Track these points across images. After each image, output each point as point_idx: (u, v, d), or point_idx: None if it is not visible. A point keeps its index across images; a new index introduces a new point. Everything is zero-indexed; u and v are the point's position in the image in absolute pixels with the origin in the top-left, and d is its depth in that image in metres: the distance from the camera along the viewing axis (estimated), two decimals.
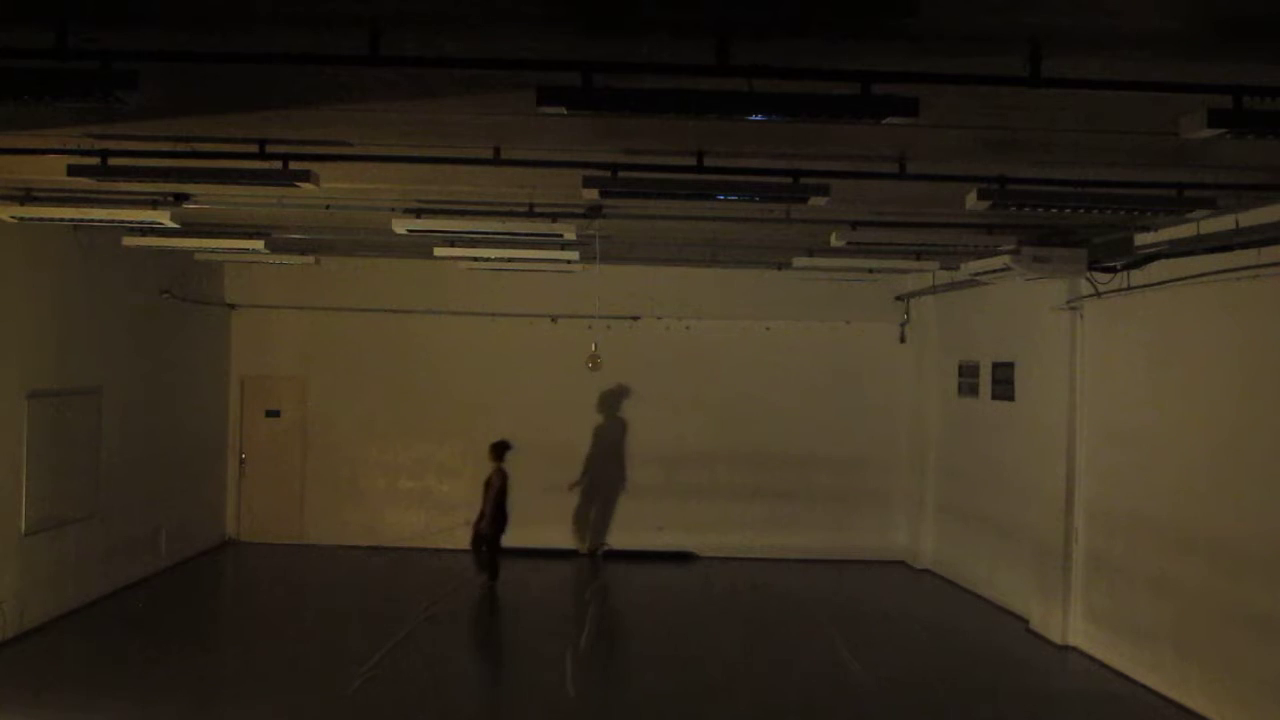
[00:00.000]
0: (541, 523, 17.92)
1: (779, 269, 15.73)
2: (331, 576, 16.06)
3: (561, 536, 17.93)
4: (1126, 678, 11.65)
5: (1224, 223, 10.00)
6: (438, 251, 12.63)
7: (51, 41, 5.41)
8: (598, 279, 14.26)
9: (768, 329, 18.08)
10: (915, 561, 17.70)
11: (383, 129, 7.85)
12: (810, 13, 5.15)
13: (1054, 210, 8.62)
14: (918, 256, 13.20)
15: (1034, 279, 12.04)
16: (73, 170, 8.32)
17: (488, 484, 15.39)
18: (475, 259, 13.11)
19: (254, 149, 8.09)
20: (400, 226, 10.92)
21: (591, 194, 8.34)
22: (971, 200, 8.38)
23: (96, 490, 13.82)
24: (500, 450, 15.52)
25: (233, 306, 18.19)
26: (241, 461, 18.30)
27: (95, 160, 8.26)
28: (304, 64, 5.74)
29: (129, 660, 11.67)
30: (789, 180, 8.28)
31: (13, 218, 10.47)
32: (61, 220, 10.67)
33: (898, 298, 18.10)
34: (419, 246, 13.12)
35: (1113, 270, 11.81)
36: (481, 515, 15.31)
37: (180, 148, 8.31)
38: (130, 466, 14.61)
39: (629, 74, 5.58)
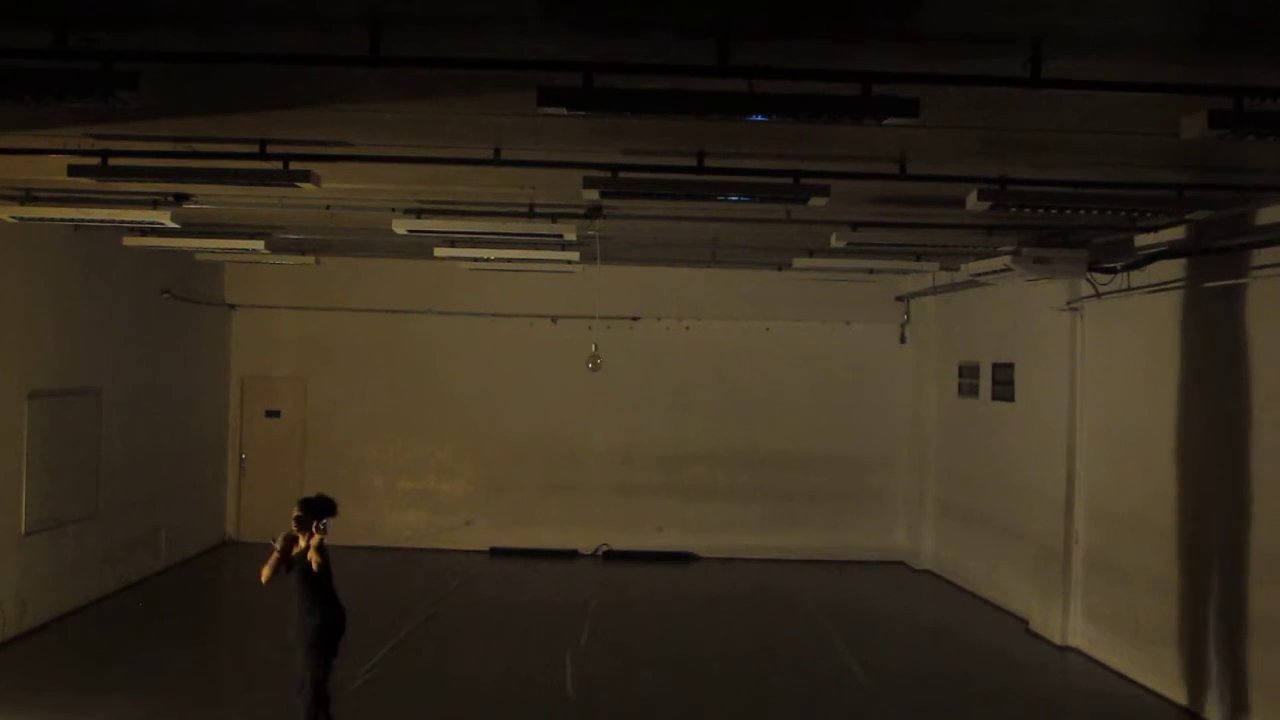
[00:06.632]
0: (542, 523, 17.96)
1: (779, 269, 15.73)
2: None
3: (561, 537, 17.93)
4: (1126, 678, 11.65)
5: (1223, 223, 10.01)
6: (438, 252, 12.62)
7: (51, 41, 5.41)
8: (598, 279, 14.26)
9: (768, 329, 18.08)
10: (915, 562, 17.70)
11: (383, 129, 7.85)
12: (811, 13, 5.15)
13: (1054, 211, 8.62)
14: (918, 257, 13.21)
15: (1034, 280, 12.04)
16: (73, 170, 8.32)
17: (292, 554, 8.82)
18: (475, 259, 13.10)
19: (254, 149, 8.09)
20: (400, 227, 10.92)
21: (591, 194, 8.34)
22: (972, 201, 8.38)
23: (96, 490, 13.82)
24: (316, 514, 8.78)
25: (233, 306, 18.19)
26: (241, 461, 18.29)
27: (95, 160, 8.26)
28: (304, 64, 5.74)
29: (129, 660, 11.66)
30: (789, 180, 8.28)
31: (13, 218, 10.46)
32: (61, 220, 10.67)
33: (898, 298, 18.10)
34: (419, 247, 13.11)
35: (1113, 271, 11.80)
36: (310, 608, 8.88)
37: (180, 148, 8.31)
38: (130, 466, 14.61)
39: (629, 74, 5.58)
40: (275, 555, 8.77)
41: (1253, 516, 9.83)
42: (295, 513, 8.79)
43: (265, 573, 8.81)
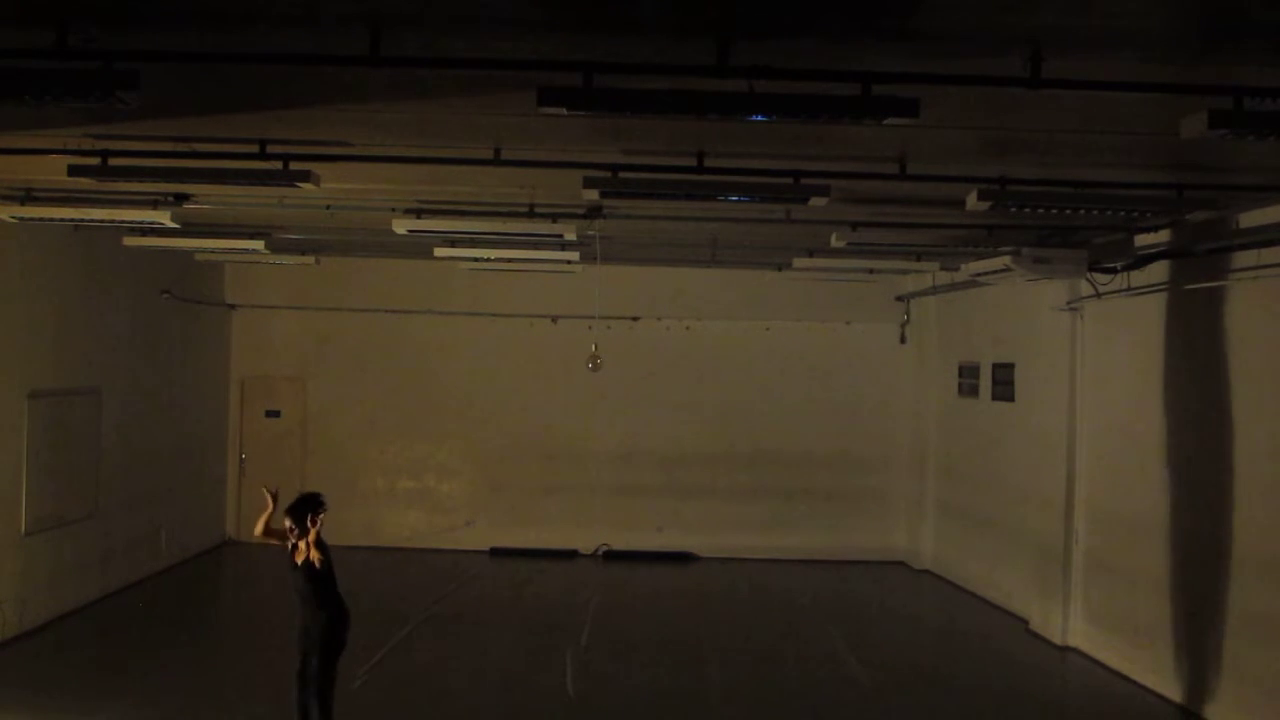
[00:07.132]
0: (542, 523, 17.97)
1: (779, 269, 15.73)
2: None
3: (561, 537, 17.92)
4: (1126, 678, 11.65)
5: (1223, 223, 10.00)
6: (438, 252, 12.62)
7: (51, 41, 5.41)
8: (598, 279, 14.27)
9: (768, 329, 18.08)
10: (915, 562, 17.69)
11: (383, 129, 7.85)
12: (810, 13, 5.15)
13: (1054, 211, 8.63)
14: (918, 257, 13.21)
15: (1034, 280, 12.03)
16: (73, 170, 8.33)
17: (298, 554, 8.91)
18: (475, 259, 13.10)
19: (254, 149, 8.09)
20: (400, 227, 10.92)
21: (591, 194, 8.34)
22: (972, 201, 8.38)
23: (96, 490, 13.82)
24: (306, 510, 8.86)
25: (233, 306, 18.19)
26: (241, 461, 18.29)
27: (95, 160, 8.26)
28: (305, 64, 5.75)
29: (129, 660, 11.67)
30: (789, 180, 8.29)
31: (13, 218, 10.46)
32: (61, 220, 10.66)
33: (898, 298, 18.10)
34: (419, 246, 13.11)
35: (1113, 271, 11.80)
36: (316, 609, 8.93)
37: (180, 148, 8.31)
38: (130, 466, 14.61)
39: (629, 74, 5.58)
40: (271, 507, 9.05)
41: (1246, 518, 9.83)
42: (287, 523, 8.84)
43: (258, 527, 9.11)
